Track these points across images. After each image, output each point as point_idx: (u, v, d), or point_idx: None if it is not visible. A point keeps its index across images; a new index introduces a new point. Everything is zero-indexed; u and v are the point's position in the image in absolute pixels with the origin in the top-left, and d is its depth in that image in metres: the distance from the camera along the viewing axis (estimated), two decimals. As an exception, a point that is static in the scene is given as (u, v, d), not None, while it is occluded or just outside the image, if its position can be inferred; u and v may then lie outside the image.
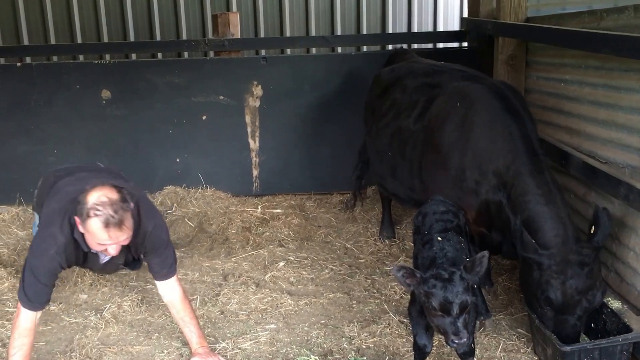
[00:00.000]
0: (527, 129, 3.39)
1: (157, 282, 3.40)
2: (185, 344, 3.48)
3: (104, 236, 2.95)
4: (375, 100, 4.47)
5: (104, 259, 3.35)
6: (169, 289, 3.35)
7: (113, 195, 2.97)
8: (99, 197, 2.94)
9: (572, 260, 2.95)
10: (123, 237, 3.01)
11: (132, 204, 3.03)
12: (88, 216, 2.92)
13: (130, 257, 3.46)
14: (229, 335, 3.57)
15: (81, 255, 3.24)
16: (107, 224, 2.91)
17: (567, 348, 2.91)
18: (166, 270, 3.34)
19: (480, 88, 3.64)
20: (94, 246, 3.08)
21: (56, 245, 3.08)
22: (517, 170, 3.25)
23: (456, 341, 2.63)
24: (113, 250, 3.05)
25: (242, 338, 3.53)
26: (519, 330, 3.53)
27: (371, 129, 4.45)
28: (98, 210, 2.90)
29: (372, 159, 4.58)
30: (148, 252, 3.33)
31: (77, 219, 3.03)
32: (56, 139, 5.64)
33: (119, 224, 2.94)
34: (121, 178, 3.59)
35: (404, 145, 3.98)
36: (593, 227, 3.03)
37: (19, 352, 3.02)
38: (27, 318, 3.06)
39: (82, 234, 3.10)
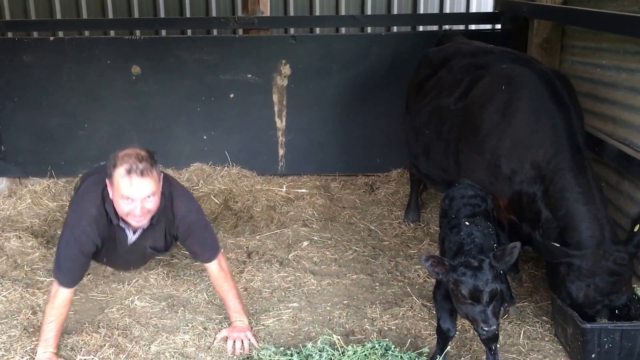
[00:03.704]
0: (572, 122, 3.26)
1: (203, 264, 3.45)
2: (210, 318, 3.54)
3: (126, 184, 2.97)
4: (420, 79, 4.38)
5: (132, 238, 3.36)
6: (213, 271, 3.39)
7: (141, 152, 3.06)
8: (126, 151, 3.04)
9: (603, 267, 2.90)
10: (145, 189, 3.01)
11: (159, 167, 3.11)
12: (114, 167, 2.99)
13: (160, 242, 3.46)
14: (252, 311, 3.60)
15: (111, 232, 3.27)
16: (129, 171, 2.96)
17: (588, 326, 2.88)
18: (208, 254, 3.37)
19: (529, 73, 3.49)
20: (121, 206, 3.07)
21: (87, 217, 3.14)
22: (557, 165, 3.15)
23: (485, 329, 2.62)
24: (138, 211, 3.06)
25: (265, 315, 3.57)
26: (543, 318, 3.49)
27: (412, 108, 4.38)
28: (122, 159, 2.99)
29: (407, 138, 4.50)
30: (184, 237, 3.36)
31: (107, 182, 3.10)
32: (86, 113, 5.71)
33: (142, 173, 2.98)
34: None
35: (442, 124, 3.90)
36: (637, 227, 2.95)
37: (55, 320, 3.11)
38: (62, 293, 3.12)
39: (113, 205, 3.15)
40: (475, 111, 3.61)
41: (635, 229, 2.95)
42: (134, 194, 3.01)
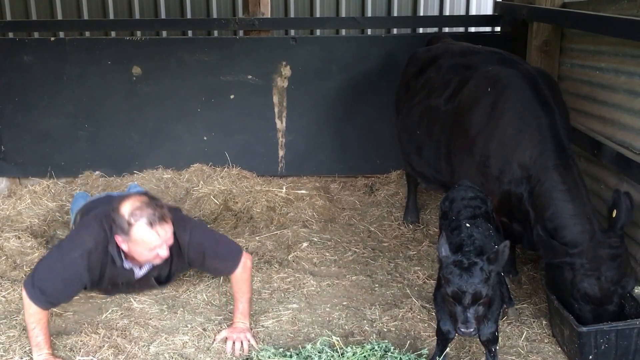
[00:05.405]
0: (556, 121, 3.30)
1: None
2: (209, 319, 3.55)
3: (153, 237, 3.00)
4: (409, 78, 4.42)
5: (139, 273, 3.36)
6: (237, 272, 3.36)
7: (142, 198, 3.05)
8: (132, 204, 3.01)
9: (604, 255, 2.91)
10: (169, 232, 3.07)
11: (160, 201, 3.11)
12: (130, 225, 2.98)
13: (165, 273, 3.45)
14: (251, 312, 3.60)
15: (113, 271, 3.23)
16: (151, 223, 2.98)
17: (584, 329, 2.89)
18: (231, 262, 3.34)
19: (514, 74, 3.56)
20: (145, 255, 3.10)
21: (82, 249, 3.09)
22: (543, 164, 3.19)
23: (462, 330, 2.64)
24: (164, 252, 3.09)
25: (264, 316, 3.57)
26: (543, 319, 3.50)
27: (402, 107, 4.41)
28: (137, 215, 2.98)
29: (400, 137, 4.53)
30: (200, 261, 3.34)
31: (118, 238, 3.07)
32: (87, 113, 5.72)
33: (162, 219, 3.01)
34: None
35: (433, 125, 3.94)
36: (614, 212, 2.98)
37: (37, 325, 3.08)
38: (33, 307, 3.05)
39: (121, 251, 3.13)
40: (464, 113, 3.66)
41: (613, 215, 2.98)
42: (161, 239, 3.04)
